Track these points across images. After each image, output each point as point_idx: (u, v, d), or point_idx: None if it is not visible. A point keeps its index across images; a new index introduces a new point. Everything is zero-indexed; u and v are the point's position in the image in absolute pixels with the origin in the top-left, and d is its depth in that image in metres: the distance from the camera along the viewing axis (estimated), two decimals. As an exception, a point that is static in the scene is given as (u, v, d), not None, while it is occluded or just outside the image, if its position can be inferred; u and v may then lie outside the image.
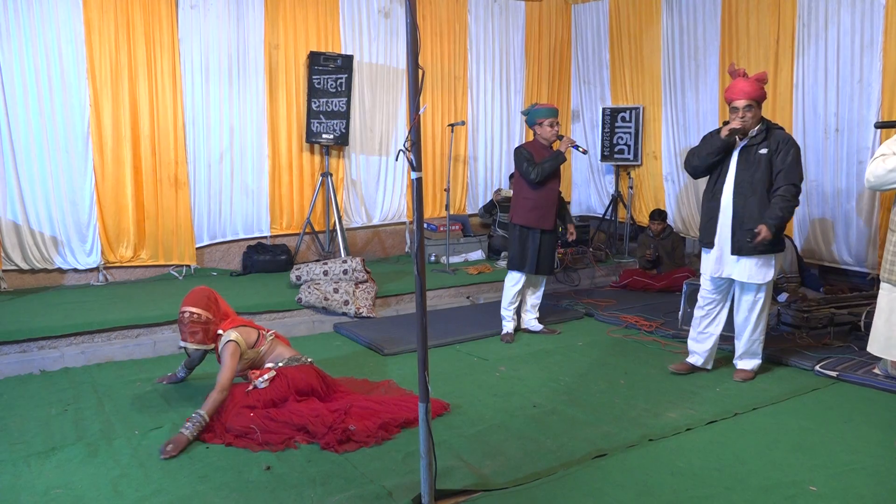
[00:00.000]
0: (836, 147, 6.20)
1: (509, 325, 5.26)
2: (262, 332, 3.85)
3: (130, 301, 5.48)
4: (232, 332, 3.67)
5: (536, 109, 5.23)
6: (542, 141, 5.20)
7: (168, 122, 6.40)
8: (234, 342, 3.62)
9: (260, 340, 3.79)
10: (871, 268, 6.05)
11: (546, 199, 5.11)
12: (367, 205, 7.74)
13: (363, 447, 3.25)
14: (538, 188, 5.07)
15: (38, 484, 2.90)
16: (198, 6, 6.46)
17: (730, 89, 4.12)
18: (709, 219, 4.21)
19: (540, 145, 5.21)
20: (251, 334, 3.77)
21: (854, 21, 5.98)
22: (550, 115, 5.17)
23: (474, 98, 8.35)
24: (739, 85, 4.08)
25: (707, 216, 4.23)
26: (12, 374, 4.35)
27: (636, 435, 3.44)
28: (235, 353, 3.61)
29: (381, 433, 3.34)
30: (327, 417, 3.37)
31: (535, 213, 5.10)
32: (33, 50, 5.74)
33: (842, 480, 2.97)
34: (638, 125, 8.08)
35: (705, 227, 4.25)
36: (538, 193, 5.09)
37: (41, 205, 5.94)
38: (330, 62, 6.95)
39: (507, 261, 5.28)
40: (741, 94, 4.06)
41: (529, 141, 5.34)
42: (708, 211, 4.22)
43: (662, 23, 7.78)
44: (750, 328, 4.26)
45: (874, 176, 3.77)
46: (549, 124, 5.14)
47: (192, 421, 3.31)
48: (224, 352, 3.62)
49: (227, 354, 3.59)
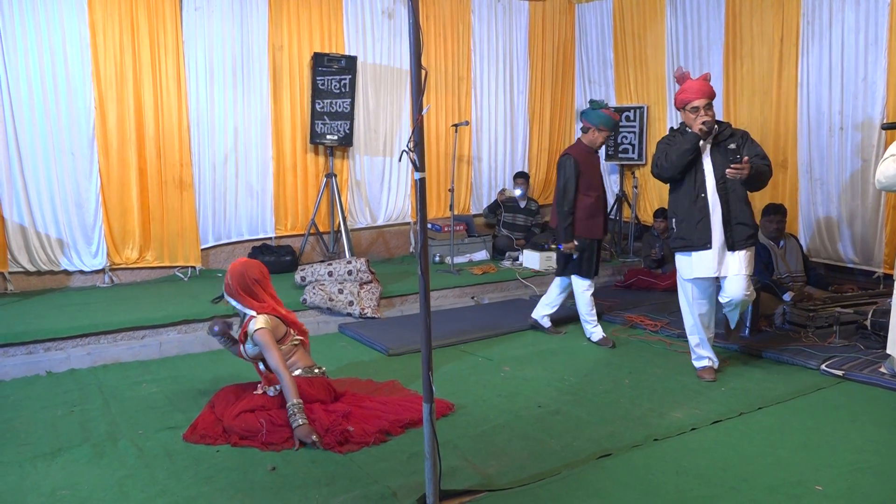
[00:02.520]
0: (841, 145, 6.18)
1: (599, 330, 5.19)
2: (290, 332, 3.77)
3: (136, 302, 5.50)
4: (260, 319, 3.61)
5: (605, 115, 4.97)
6: (591, 144, 5.06)
7: (173, 124, 6.42)
8: (264, 329, 3.57)
9: (284, 339, 3.72)
10: (877, 266, 6.03)
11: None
12: (372, 205, 7.75)
13: (364, 446, 3.26)
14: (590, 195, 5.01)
15: (44, 485, 2.91)
16: (202, 8, 6.48)
17: (685, 91, 4.13)
18: (699, 220, 4.13)
19: (585, 148, 5.06)
20: (279, 329, 3.70)
21: (859, 19, 5.96)
22: (614, 126, 5.08)
23: (478, 98, 8.35)
24: (695, 85, 4.12)
25: (696, 218, 4.14)
26: (19, 376, 4.38)
27: (641, 435, 3.43)
28: (267, 337, 3.55)
29: (379, 436, 3.34)
30: (325, 420, 3.36)
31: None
32: (39, 53, 5.77)
33: (847, 480, 2.96)
34: (642, 125, 8.07)
35: (696, 229, 4.14)
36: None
37: (47, 207, 5.96)
38: (334, 63, 6.96)
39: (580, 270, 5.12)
40: (700, 94, 4.09)
41: (572, 145, 5.16)
42: (695, 213, 4.14)
43: (666, 22, 7.77)
44: (737, 320, 4.46)
45: (885, 177, 3.77)
46: (603, 136, 5.02)
47: (293, 412, 3.33)
48: (259, 340, 3.55)
49: (263, 343, 3.54)
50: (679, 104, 4.20)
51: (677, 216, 4.26)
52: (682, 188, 4.23)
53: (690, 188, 4.18)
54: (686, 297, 4.33)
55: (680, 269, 4.33)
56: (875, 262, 6.05)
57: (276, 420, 3.38)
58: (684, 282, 4.32)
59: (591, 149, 5.09)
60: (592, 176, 5.06)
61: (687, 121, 4.18)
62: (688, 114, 4.14)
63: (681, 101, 4.16)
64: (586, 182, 5.00)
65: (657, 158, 4.27)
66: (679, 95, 4.18)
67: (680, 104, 4.18)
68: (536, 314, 5.43)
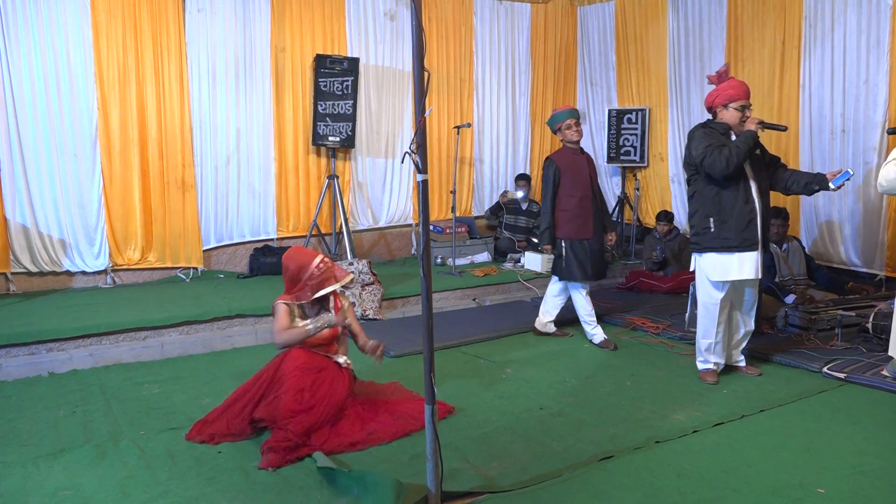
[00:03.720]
0: (843, 148, 6.18)
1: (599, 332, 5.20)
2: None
3: (138, 303, 5.50)
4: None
5: (557, 114, 5.18)
6: (570, 145, 5.15)
7: (175, 126, 6.43)
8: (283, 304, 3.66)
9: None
10: (879, 269, 6.03)
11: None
12: (374, 207, 7.75)
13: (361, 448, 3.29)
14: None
15: (46, 485, 2.91)
16: (205, 10, 6.49)
17: (733, 88, 4.09)
18: (749, 221, 4.08)
19: (568, 151, 5.16)
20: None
21: (860, 21, 5.96)
22: (572, 116, 5.13)
23: (480, 100, 8.36)
24: (741, 84, 4.11)
25: (746, 219, 4.07)
26: (21, 377, 4.38)
27: (643, 437, 3.43)
28: (283, 312, 3.65)
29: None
30: (332, 443, 3.32)
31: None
32: (41, 54, 5.78)
33: (850, 482, 2.96)
34: (644, 127, 8.07)
35: (746, 229, 4.08)
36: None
37: (49, 208, 5.97)
38: (336, 65, 6.97)
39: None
40: (747, 93, 4.09)
41: (556, 150, 5.27)
42: (745, 214, 4.08)
43: (668, 24, 7.77)
44: (752, 322, 4.40)
45: (886, 180, 3.77)
46: (566, 126, 5.10)
47: (318, 324, 3.57)
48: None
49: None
50: (724, 100, 4.11)
51: (719, 216, 4.12)
52: (728, 189, 4.11)
53: (739, 189, 4.10)
54: (712, 298, 4.23)
55: (711, 270, 4.19)
56: (877, 264, 6.05)
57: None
58: (711, 283, 4.21)
59: (573, 150, 5.15)
60: (577, 176, 5.08)
61: (727, 118, 4.12)
62: (732, 111, 4.10)
63: (727, 98, 4.10)
64: (570, 182, 5.06)
65: (727, 155, 3.99)
66: (726, 91, 4.11)
67: (725, 101, 4.11)
68: (539, 324, 5.40)
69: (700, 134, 4.15)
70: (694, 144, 4.14)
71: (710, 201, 4.16)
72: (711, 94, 4.19)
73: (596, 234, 5.13)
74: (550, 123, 5.27)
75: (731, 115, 4.11)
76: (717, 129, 4.14)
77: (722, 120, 4.15)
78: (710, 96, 4.20)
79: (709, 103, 4.22)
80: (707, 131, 4.15)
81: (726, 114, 4.13)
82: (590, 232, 5.09)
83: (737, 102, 4.08)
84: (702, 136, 4.13)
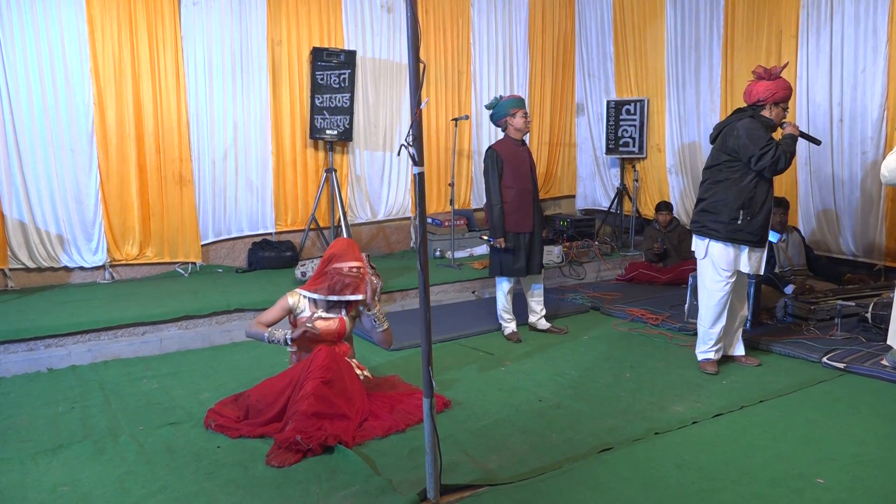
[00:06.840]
0: (840, 137, 6.17)
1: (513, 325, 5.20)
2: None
3: (136, 298, 5.50)
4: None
5: (504, 101, 5.03)
6: (516, 134, 5.02)
7: (172, 120, 6.41)
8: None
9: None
10: (878, 258, 6.02)
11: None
12: (372, 200, 7.74)
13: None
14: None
15: (45, 481, 2.91)
16: (200, 3, 6.45)
17: (785, 89, 4.11)
18: (767, 218, 4.20)
19: (511, 142, 5.03)
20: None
21: (858, 10, 5.94)
22: (521, 104, 5.02)
23: (478, 92, 8.33)
24: (791, 86, 4.18)
25: (767, 216, 4.19)
26: (20, 373, 4.38)
27: (642, 428, 3.43)
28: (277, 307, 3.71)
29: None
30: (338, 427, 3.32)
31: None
32: (37, 49, 5.75)
33: (849, 472, 2.96)
34: (642, 118, 8.05)
35: (762, 225, 4.17)
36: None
37: (47, 203, 5.96)
38: (333, 58, 6.94)
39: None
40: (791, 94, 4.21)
41: (498, 140, 5.13)
42: (767, 211, 4.18)
43: (666, 15, 7.74)
44: (745, 308, 4.50)
45: (888, 170, 3.79)
46: (521, 115, 4.98)
47: (279, 338, 3.57)
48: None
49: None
50: (775, 99, 4.11)
51: (750, 210, 4.12)
52: (762, 185, 4.15)
53: (768, 187, 4.18)
54: (719, 286, 4.24)
55: (721, 259, 4.21)
56: (876, 254, 6.04)
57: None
58: (721, 271, 4.22)
59: (516, 141, 5.04)
60: (517, 168, 4.99)
61: (773, 115, 4.15)
62: (780, 110, 4.15)
63: (781, 97, 4.12)
64: (511, 174, 4.96)
65: (779, 155, 4.01)
66: (782, 91, 4.11)
67: (779, 99, 4.12)
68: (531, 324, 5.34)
69: (754, 125, 4.11)
70: (747, 135, 4.07)
71: (745, 194, 4.14)
72: (768, 89, 4.12)
73: (535, 228, 5.04)
74: (496, 112, 5.06)
75: (778, 113, 4.17)
76: (765, 124, 4.15)
77: (769, 116, 4.17)
78: (767, 91, 4.12)
79: (762, 97, 4.14)
80: (759, 125, 4.13)
81: (774, 111, 4.16)
82: (529, 226, 5.01)
83: (785, 103, 4.16)
84: (756, 127, 4.10)
